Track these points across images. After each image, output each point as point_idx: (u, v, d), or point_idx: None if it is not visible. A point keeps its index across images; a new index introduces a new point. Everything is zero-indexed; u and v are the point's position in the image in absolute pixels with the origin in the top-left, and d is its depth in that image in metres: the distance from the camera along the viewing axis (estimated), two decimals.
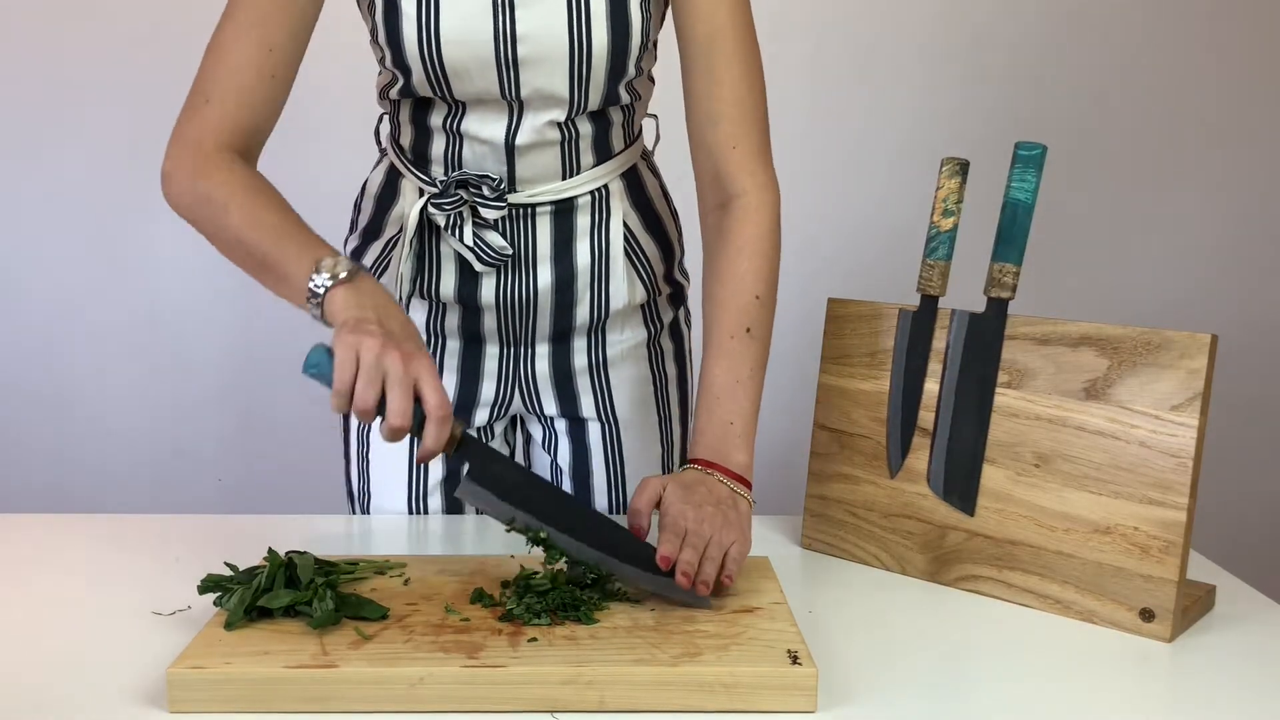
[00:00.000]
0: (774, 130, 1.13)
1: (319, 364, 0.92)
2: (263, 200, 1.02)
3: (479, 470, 0.94)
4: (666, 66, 1.20)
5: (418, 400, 0.88)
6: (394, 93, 1.13)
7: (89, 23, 2.19)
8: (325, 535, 1.20)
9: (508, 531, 0.94)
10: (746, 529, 0.96)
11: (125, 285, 2.29)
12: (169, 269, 2.27)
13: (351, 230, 1.28)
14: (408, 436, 0.91)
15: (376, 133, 1.26)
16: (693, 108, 1.11)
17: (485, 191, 1.13)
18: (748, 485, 1.01)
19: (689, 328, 1.34)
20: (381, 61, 1.12)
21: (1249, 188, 2.32)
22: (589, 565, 0.93)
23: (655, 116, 1.26)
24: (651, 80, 1.19)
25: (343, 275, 0.94)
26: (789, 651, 0.82)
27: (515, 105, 1.10)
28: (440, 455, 0.96)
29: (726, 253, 1.08)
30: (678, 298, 1.31)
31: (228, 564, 0.93)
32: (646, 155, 1.27)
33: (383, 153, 1.26)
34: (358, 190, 1.28)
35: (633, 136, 1.21)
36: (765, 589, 0.95)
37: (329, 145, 1.96)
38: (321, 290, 0.93)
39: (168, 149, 1.05)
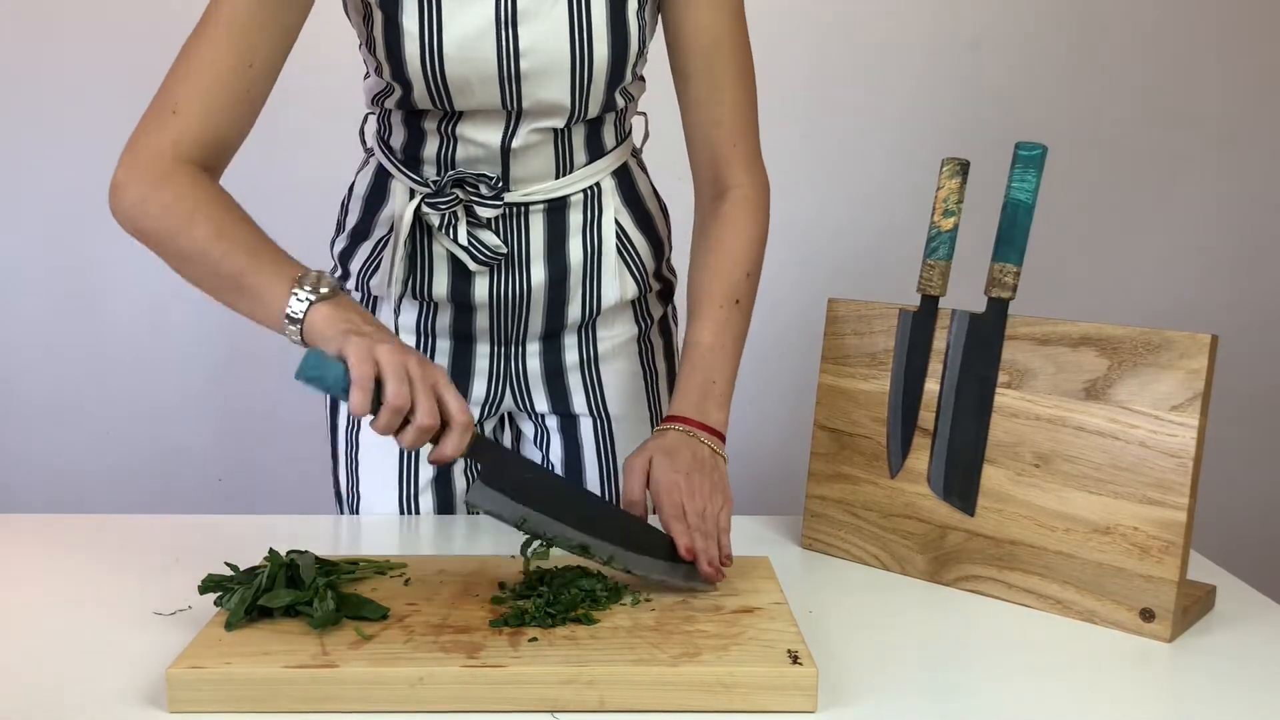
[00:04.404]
0: (774, 130, 1.18)
1: (317, 368, 0.86)
2: (233, 215, 0.96)
3: (491, 472, 0.92)
4: (653, 66, 1.20)
5: None
6: (389, 102, 1.12)
7: (75, 21, 2.19)
8: (324, 535, 1.21)
9: (519, 529, 0.93)
10: (728, 487, 1.03)
11: (124, 285, 2.29)
12: (168, 268, 2.27)
13: (338, 231, 1.27)
14: (392, 437, 0.89)
15: (361, 133, 1.25)
16: (694, 110, 1.15)
17: (483, 190, 1.13)
18: (722, 440, 1.07)
19: (677, 325, 1.34)
20: (377, 72, 1.10)
21: (1249, 188, 2.31)
22: (603, 560, 0.94)
23: (644, 114, 1.26)
24: (642, 80, 1.20)
25: (325, 292, 0.91)
26: (789, 651, 0.82)
27: (514, 113, 1.10)
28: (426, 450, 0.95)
29: (724, 233, 1.14)
30: (666, 294, 1.32)
31: (228, 564, 0.93)
32: (636, 153, 1.27)
33: (368, 153, 1.24)
34: (343, 191, 1.27)
35: (624, 134, 1.22)
36: (765, 589, 0.95)
37: (312, 145, 1.96)
38: (305, 305, 0.90)
39: (122, 158, 0.98)
